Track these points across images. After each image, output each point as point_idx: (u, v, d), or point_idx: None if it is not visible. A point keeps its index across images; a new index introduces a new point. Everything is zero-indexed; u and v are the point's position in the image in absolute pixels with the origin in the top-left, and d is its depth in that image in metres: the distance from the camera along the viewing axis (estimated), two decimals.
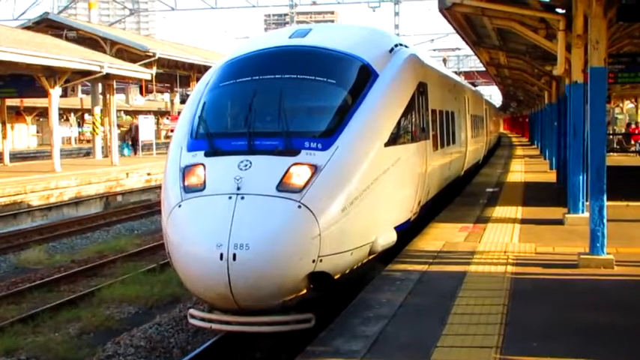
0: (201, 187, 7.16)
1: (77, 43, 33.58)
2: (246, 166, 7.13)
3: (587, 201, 10.36)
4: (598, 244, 8.41)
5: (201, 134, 7.90)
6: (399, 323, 6.29)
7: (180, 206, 7.12)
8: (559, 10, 11.76)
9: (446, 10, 12.25)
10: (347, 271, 7.42)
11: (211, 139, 7.71)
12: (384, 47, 9.58)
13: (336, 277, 7.16)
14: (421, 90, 10.28)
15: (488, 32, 16.57)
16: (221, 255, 6.53)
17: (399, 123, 8.78)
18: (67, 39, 34.44)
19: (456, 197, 15.38)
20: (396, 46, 9.89)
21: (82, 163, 32.67)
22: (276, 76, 8.31)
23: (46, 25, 36.17)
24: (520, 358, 5.33)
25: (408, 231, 9.74)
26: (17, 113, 52.70)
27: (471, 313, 6.49)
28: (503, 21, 12.77)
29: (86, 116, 60.00)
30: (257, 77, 8.41)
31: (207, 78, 9.00)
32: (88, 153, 38.93)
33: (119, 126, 39.87)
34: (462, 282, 7.69)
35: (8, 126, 34.88)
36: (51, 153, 28.29)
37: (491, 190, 17.22)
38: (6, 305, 10.76)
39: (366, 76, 8.53)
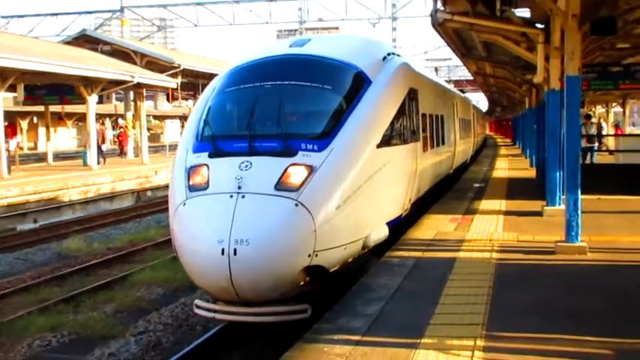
0: (205, 187, 6.88)
1: (111, 56, 33.64)
2: (246, 166, 6.85)
3: (563, 195, 10.35)
4: (573, 233, 8.40)
5: (206, 137, 7.61)
6: (396, 304, 6.28)
7: (185, 204, 6.87)
8: (538, 25, 11.74)
9: (438, 26, 12.22)
10: (341, 265, 7.15)
11: (215, 141, 7.42)
12: (377, 56, 9.23)
13: (331, 270, 6.90)
14: (412, 95, 9.93)
15: (476, 45, 16.53)
16: (222, 250, 6.28)
17: (390, 126, 8.48)
18: (102, 52, 34.51)
19: (447, 192, 15.34)
20: (388, 54, 9.54)
21: (115, 162, 32.74)
22: (276, 82, 8.00)
23: (83, 40, 36.26)
24: (503, 334, 5.32)
25: (405, 222, 9.60)
26: (59, 118, 52.71)
27: (460, 295, 6.48)
28: (489, 35, 12.74)
29: (119, 121, 60.08)
30: (258, 84, 8.11)
31: (214, 84, 8.69)
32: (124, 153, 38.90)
33: (148, 129, 39.82)
34: (452, 267, 7.68)
35: (51, 129, 34.95)
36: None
37: (478, 185, 17.17)
38: (50, 287, 10.81)
39: (360, 82, 8.20)
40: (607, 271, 7.59)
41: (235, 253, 6.26)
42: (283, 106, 7.52)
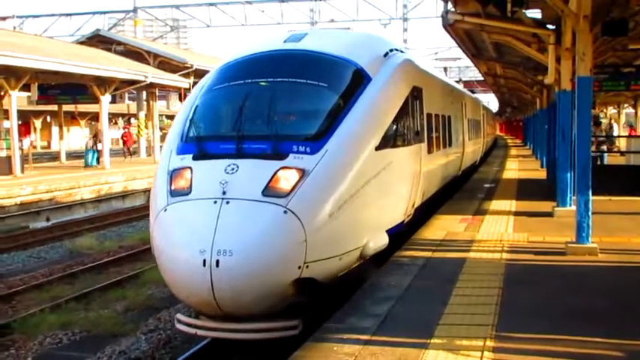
0: (187, 191, 6.32)
1: (124, 56, 33.80)
2: (232, 169, 6.27)
3: (574, 195, 10.28)
4: (584, 234, 8.33)
5: (191, 137, 7.01)
6: (406, 304, 6.24)
7: (165, 210, 6.34)
8: (550, 26, 11.68)
9: (449, 27, 12.19)
10: (336, 277, 6.62)
11: (200, 142, 6.83)
12: (379, 52, 8.56)
13: (324, 282, 6.36)
14: (415, 94, 9.28)
15: (486, 46, 16.46)
16: (204, 261, 5.75)
17: (391, 126, 7.82)
18: (116, 52, 34.69)
19: (456, 193, 15.26)
20: (391, 50, 8.88)
21: (128, 161, 32.86)
22: (269, 79, 7.43)
23: (97, 40, 36.47)
24: (513, 335, 5.28)
25: (409, 226, 9.23)
26: (72, 117, 52.99)
27: (470, 295, 6.44)
28: (499, 36, 12.70)
29: (132, 120, 60.33)
30: (249, 80, 7.47)
31: (203, 82, 8.03)
32: (134, 152, 39.17)
33: (160, 128, 39.99)
34: (462, 267, 7.64)
35: (65, 129, 35.17)
36: (101, 152, 28.50)
37: (488, 185, 17.10)
38: (62, 285, 10.85)
39: (359, 79, 7.55)
40: (618, 273, 7.54)
41: (218, 265, 5.74)
42: (275, 104, 7.01)
